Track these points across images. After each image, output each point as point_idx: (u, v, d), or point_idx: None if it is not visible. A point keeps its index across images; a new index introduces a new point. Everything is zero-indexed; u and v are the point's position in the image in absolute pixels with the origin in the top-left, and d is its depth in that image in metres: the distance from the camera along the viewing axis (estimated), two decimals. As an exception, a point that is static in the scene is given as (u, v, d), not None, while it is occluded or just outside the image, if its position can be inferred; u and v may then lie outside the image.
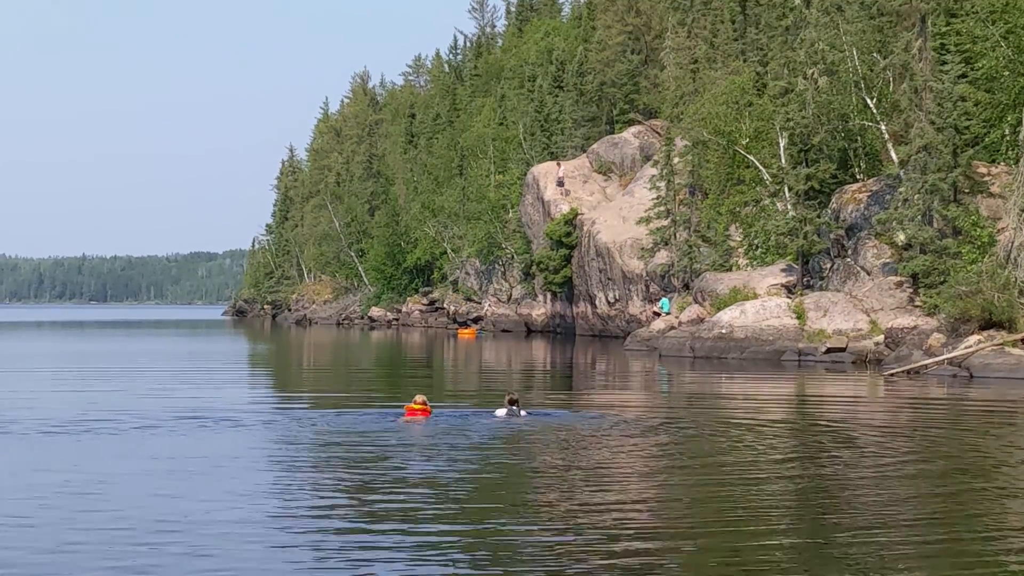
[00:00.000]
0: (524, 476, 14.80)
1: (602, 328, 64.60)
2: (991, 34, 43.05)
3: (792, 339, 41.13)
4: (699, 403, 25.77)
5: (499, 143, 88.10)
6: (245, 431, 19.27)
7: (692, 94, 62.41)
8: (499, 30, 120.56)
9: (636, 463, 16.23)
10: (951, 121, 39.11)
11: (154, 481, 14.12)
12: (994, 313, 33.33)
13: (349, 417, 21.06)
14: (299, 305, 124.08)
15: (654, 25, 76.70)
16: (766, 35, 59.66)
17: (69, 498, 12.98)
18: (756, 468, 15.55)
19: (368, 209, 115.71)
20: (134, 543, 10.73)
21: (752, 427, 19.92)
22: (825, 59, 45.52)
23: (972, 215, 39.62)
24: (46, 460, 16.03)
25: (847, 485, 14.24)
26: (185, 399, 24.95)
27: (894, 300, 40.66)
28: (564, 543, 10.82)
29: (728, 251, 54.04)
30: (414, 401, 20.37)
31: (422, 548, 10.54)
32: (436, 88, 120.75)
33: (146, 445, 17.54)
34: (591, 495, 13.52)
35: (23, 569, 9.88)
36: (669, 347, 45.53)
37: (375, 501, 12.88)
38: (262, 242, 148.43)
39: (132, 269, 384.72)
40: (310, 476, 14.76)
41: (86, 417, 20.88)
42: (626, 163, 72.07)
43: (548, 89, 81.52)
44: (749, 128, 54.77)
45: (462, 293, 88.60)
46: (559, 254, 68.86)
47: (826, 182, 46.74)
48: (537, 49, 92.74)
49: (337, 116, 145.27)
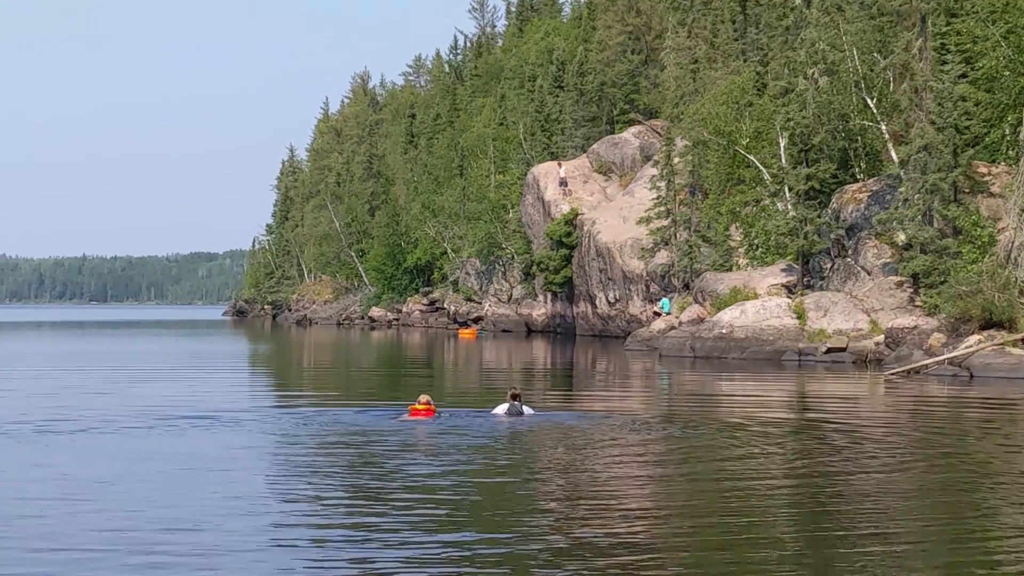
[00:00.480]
0: (525, 477, 14.79)
1: (602, 328, 64.61)
2: (991, 34, 43.05)
3: (792, 339, 41.13)
4: (700, 403, 25.76)
5: (499, 143, 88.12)
6: (245, 430, 19.26)
7: (692, 94, 62.41)
8: (499, 30, 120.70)
9: (636, 463, 16.22)
10: (951, 121, 39.11)
11: (152, 481, 14.10)
12: (994, 313, 33.33)
13: (350, 416, 21.11)
14: (299, 305, 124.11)
15: (654, 25, 76.72)
16: (766, 35, 59.67)
17: (71, 498, 12.98)
18: (757, 468, 15.54)
19: (368, 209, 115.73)
20: (131, 543, 10.72)
21: (753, 427, 19.91)
22: (825, 59, 45.52)
23: (972, 215, 39.62)
24: (64, 459, 16.03)
25: (848, 485, 14.23)
26: (184, 399, 24.93)
27: (894, 300, 40.66)
28: (564, 544, 10.81)
29: (728, 251, 54.04)
30: (418, 401, 20.43)
31: (422, 550, 10.53)
32: (436, 88, 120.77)
33: (143, 445, 17.53)
34: (592, 496, 13.51)
35: (26, 567, 9.87)
36: (669, 347, 45.53)
37: (376, 503, 12.86)
38: (262, 242, 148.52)
39: (132, 269, 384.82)
40: (311, 476, 14.75)
41: (83, 416, 20.89)
42: (626, 163, 72.07)
43: (548, 89, 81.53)
44: (749, 128, 54.77)
45: (462, 293, 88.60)
46: (559, 254, 68.86)
47: (826, 182, 46.74)
48: (537, 49, 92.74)
49: (337, 116, 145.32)
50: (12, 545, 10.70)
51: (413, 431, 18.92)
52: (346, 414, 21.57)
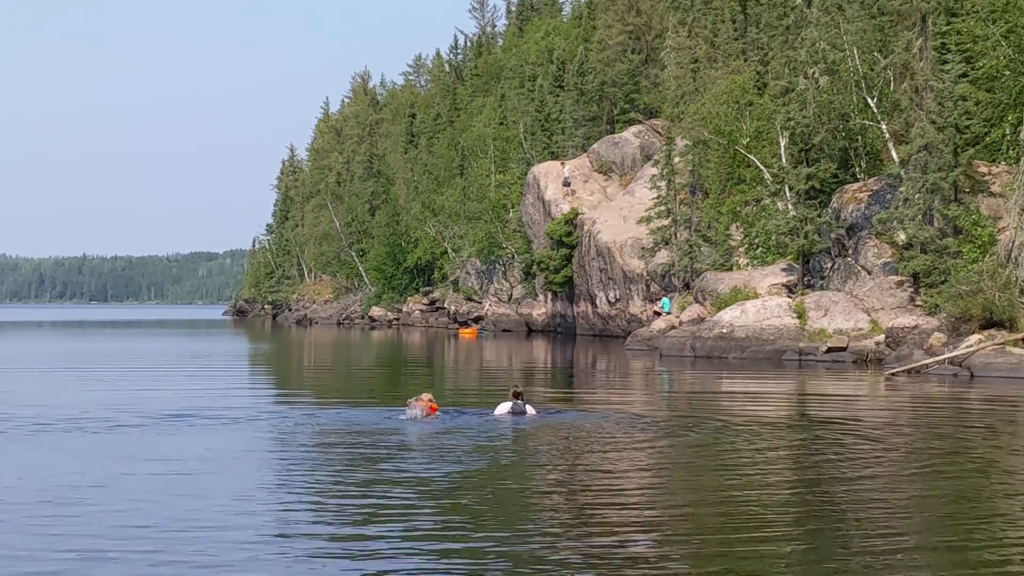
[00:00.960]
0: (525, 476, 14.80)
1: (603, 328, 64.63)
2: (991, 33, 43.07)
3: (793, 339, 41.14)
4: (700, 403, 25.77)
5: (499, 143, 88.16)
6: (246, 429, 19.28)
7: (693, 93, 62.44)
8: (499, 30, 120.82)
9: (637, 463, 16.23)
10: (952, 120, 39.13)
11: (154, 480, 14.11)
12: (995, 312, 33.35)
13: (351, 415, 21.16)
14: (299, 305, 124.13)
15: (654, 25, 76.79)
16: (767, 34, 59.72)
17: (74, 496, 13.00)
18: (758, 468, 15.55)
19: (368, 209, 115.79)
20: (132, 541, 10.74)
21: (754, 426, 19.92)
22: (826, 58, 45.54)
23: (973, 214, 39.64)
24: (65, 458, 16.04)
25: (849, 484, 14.24)
26: (186, 398, 24.94)
27: (895, 299, 40.68)
28: (565, 544, 10.82)
29: (729, 251, 54.06)
30: (420, 398, 20.48)
31: (422, 548, 10.54)
32: (436, 88, 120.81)
33: (145, 444, 17.55)
34: (593, 496, 13.52)
35: (28, 565, 9.88)
36: (670, 347, 45.55)
37: (375, 500, 12.87)
38: (262, 242, 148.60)
39: (132, 269, 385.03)
40: (310, 474, 14.77)
41: (86, 416, 20.91)
42: (626, 163, 72.10)
43: (549, 89, 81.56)
44: (750, 127, 54.80)
45: (463, 293, 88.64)
46: (560, 254, 68.88)
47: (827, 181, 46.77)
48: (537, 49, 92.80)
49: (337, 116, 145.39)
50: (18, 545, 10.70)
51: (415, 429, 18.95)
52: (347, 413, 21.63)
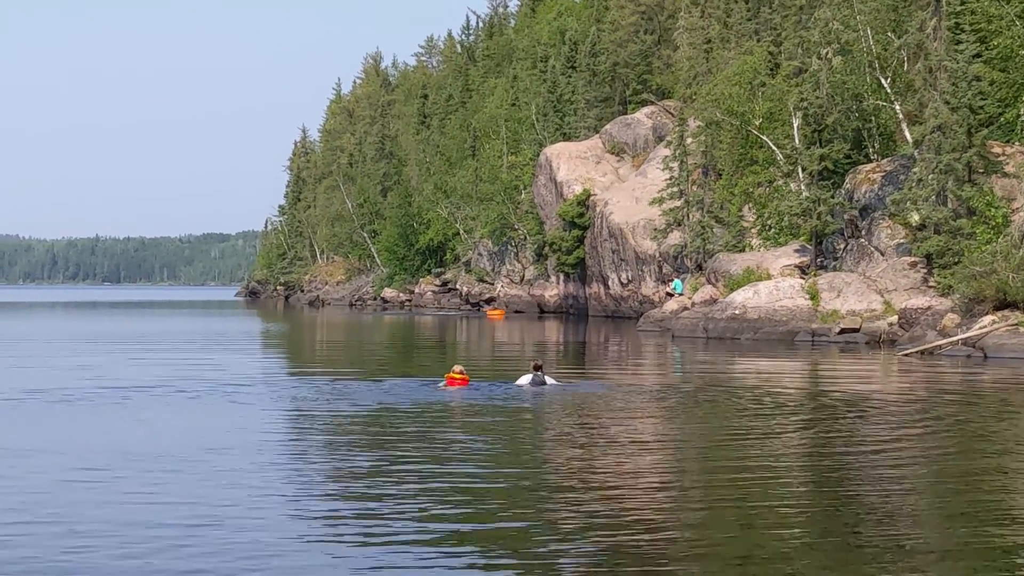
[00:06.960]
0: (546, 449, 14.94)
1: (615, 309, 64.65)
2: (1006, 13, 42.87)
3: (806, 320, 41.13)
4: (713, 383, 25.81)
5: (512, 124, 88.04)
6: (272, 403, 19.41)
7: (705, 74, 62.29)
8: (512, 10, 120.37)
9: (652, 436, 16.32)
10: (966, 101, 38.99)
11: (167, 461, 14.21)
12: (1008, 293, 33.30)
13: (387, 386, 22.82)
14: (312, 286, 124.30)
15: (667, 5, 76.49)
16: (780, 15, 59.47)
17: (84, 477, 13.13)
18: (775, 446, 15.62)
19: (381, 190, 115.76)
20: (144, 521, 10.85)
21: (767, 408, 19.99)
22: (839, 39, 45.39)
23: (986, 195, 39.53)
24: (91, 429, 16.18)
25: (862, 465, 14.29)
26: (202, 375, 25.06)
27: (908, 280, 40.63)
28: (583, 522, 10.90)
29: (741, 232, 54.01)
30: (452, 371, 22.07)
31: (442, 521, 10.64)
32: (449, 69, 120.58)
33: (163, 420, 17.67)
34: (608, 475, 13.59)
35: (36, 550, 9.98)
36: (682, 328, 45.58)
37: (406, 471, 12.97)
38: (275, 223, 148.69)
39: (145, 250, 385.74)
40: (337, 448, 14.88)
41: (103, 390, 21.08)
42: (639, 144, 71.97)
43: (561, 69, 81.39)
44: (762, 108, 54.67)
45: (475, 274, 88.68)
46: (572, 235, 68.87)
47: (840, 162, 46.67)
48: (550, 29, 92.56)
49: (350, 97, 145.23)
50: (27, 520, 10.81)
51: (450, 400, 20.26)
52: (383, 384, 23.01)
